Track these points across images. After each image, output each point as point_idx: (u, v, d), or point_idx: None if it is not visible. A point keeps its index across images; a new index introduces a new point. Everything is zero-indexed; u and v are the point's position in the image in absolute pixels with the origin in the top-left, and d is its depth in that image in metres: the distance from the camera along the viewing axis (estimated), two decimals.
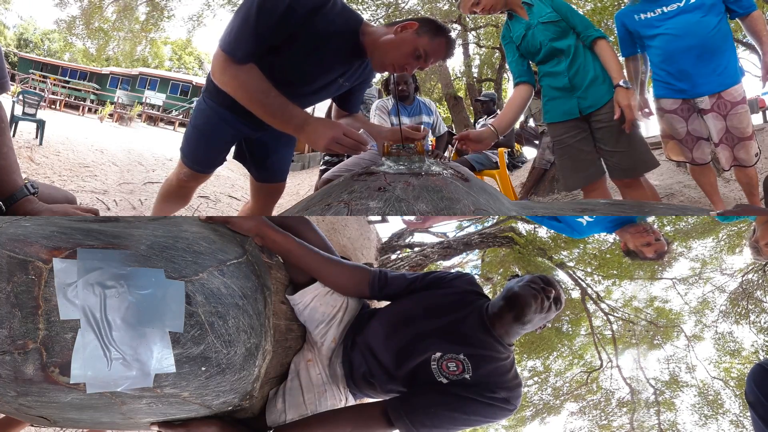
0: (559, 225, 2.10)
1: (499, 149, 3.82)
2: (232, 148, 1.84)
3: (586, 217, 1.96)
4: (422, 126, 1.68)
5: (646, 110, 2.50)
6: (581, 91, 2.10)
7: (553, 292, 1.10)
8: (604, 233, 2.24)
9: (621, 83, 2.00)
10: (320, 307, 1.14)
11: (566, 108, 2.16)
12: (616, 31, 2.46)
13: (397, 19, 1.63)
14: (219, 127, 1.65)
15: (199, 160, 1.77)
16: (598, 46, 2.07)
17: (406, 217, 1.96)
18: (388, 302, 1.22)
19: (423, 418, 0.98)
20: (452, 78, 11.26)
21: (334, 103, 1.87)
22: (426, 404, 1.00)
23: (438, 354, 1.04)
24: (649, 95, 2.51)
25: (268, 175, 1.92)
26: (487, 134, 1.99)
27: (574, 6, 2.23)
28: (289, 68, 1.40)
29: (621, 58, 2.26)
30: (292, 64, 1.40)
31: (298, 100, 1.38)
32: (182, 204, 1.99)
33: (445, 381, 1.03)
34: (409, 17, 2.00)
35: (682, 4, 2.14)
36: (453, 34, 1.49)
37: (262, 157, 1.86)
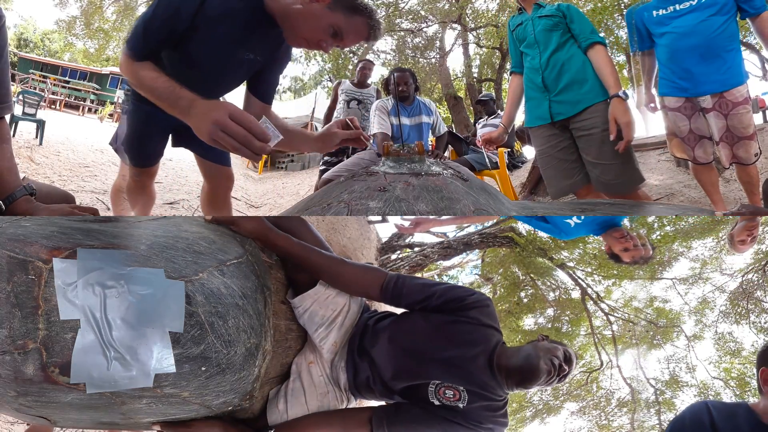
0: (547, 226, 2.06)
1: (499, 149, 3.83)
2: (169, 142, 1.91)
3: (575, 219, 1.91)
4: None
5: (652, 105, 2.51)
6: (554, 93, 1.96)
7: (567, 371, 1.08)
8: (592, 236, 2.17)
9: (620, 93, 1.82)
10: (320, 310, 1.13)
11: (539, 112, 2.04)
12: (626, 28, 2.47)
13: None
14: (146, 122, 1.73)
15: (137, 156, 1.88)
16: (594, 50, 1.92)
17: (398, 221, 1.98)
18: (395, 308, 1.20)
19: None
20: (452, 78, 11.25)
21: (246, 89, 1.62)
22: (409, 420, 1.03)
23: (438, 381, 1.05)
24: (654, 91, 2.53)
25: (212, 153, 1.91)
26: (503, 134, 2.37)
27: (574, 5, 2.26)
28: (198, 54, 1.38)
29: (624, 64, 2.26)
30: (200, 50, 1.37)
31: (213, 86, 1.38)
32: (148, 196, 2.08)
33: (437, 403, 1.03)
34: None
35: (694, 3, 2.11)
36: (376, 14, 1.34)
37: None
